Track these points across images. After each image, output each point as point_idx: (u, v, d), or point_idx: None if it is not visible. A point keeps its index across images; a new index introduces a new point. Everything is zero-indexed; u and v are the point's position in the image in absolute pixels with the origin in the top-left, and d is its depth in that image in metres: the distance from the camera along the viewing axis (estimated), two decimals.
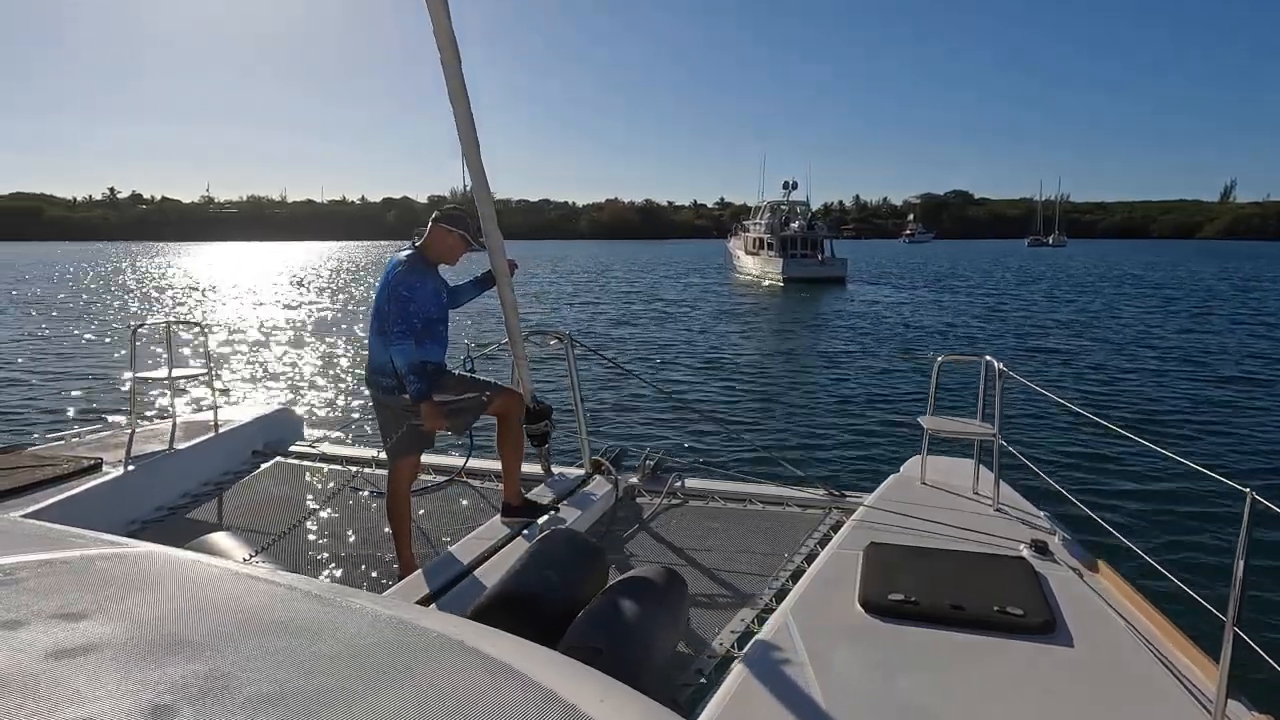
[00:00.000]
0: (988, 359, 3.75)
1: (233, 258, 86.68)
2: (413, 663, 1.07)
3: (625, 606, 2.51)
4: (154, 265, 65.18)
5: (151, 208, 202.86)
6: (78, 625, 1.02)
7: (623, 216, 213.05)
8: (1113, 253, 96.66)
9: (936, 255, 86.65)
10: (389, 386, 3.60)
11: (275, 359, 16.38)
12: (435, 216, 3.69)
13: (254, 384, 13.66)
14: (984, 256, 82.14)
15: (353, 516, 4.48)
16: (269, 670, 0.97)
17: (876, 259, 73.16)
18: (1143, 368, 14.79)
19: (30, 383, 13.39)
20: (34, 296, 32.39)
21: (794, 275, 39.45)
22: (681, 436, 9.43)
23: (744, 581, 3.46)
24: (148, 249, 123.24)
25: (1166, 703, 2.17)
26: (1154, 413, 11.10)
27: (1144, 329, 20.69)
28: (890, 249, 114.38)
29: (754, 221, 48.70)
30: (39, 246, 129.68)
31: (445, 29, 3.21)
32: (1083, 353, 16.57)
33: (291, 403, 11.43)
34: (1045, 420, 9.81)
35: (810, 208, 48.61)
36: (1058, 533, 3.35)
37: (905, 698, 2.17)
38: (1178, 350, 16.90)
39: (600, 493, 4.48)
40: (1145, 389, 12.75)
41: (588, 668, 1.31)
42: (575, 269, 58.00)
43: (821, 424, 10.47)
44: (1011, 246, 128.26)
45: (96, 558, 1.33)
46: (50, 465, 4.38)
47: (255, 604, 1.21)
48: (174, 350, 5.48)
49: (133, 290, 37.75)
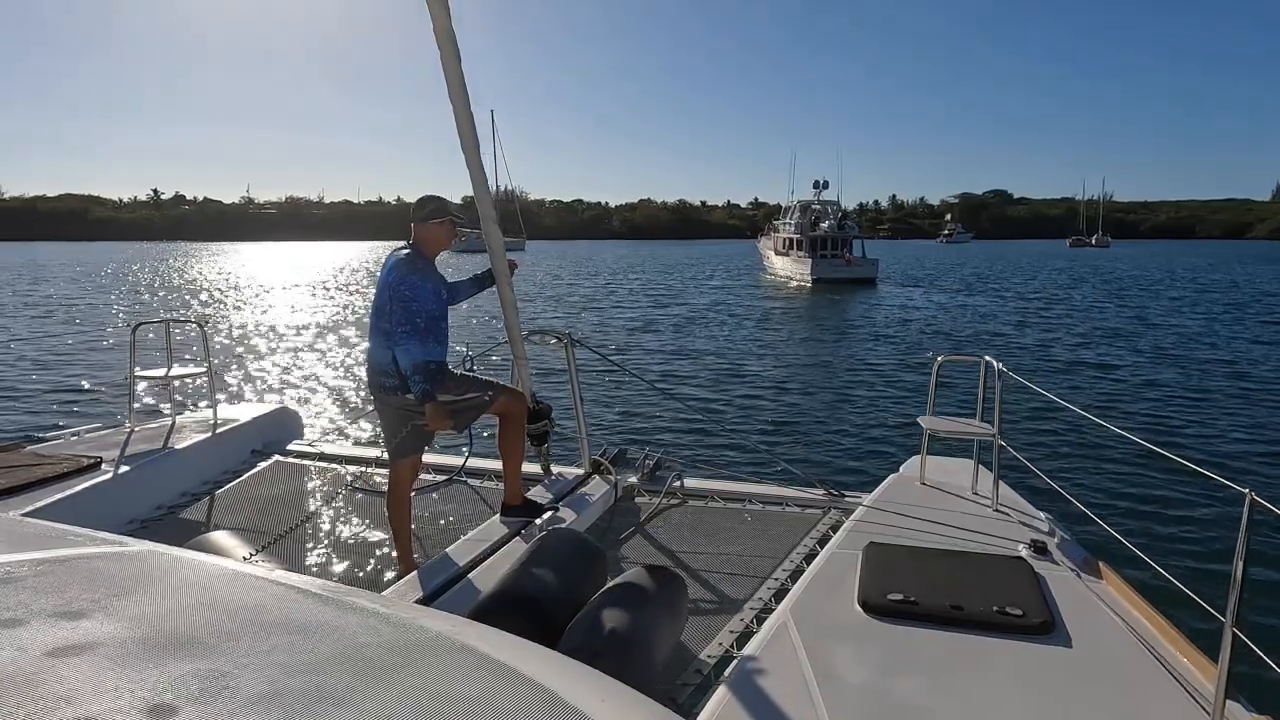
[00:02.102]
0: (987, 359, 3.75)
1: (269, 257, 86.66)
2: (412, 662, 1.07)
3: (625, 606, 2.51)
4: (190, 265, 64.89)
5: (193, 208, 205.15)
6: (77, 624, 1.02)
7: (655, 217, 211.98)
8: (1161, 253, 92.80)
9: (974, 256, 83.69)
10: (391, 386, 3.59)
11: (275, 358, 16.38)
12: (414, 216, 3.68)
13: (254, 383, 13.66)
14: (1024, 258, 79.21)
15: (352, 515, 4.48)
16: (268, 669, 0.97)
17: (911, 260, 70.82)
18: (1177, 371, 14.47)
19: (30, 381, 13.39)
20: (64, 296, 32.32)
21: (822, 276, 38.60)
22: (681, 436, 9.44)
23: (743, 581, 3.46)
24: (187, 249, 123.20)
25: (1165, 703, 2.17)
26: (1155, 412, 11.12)
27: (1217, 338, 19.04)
28: (926, 250, 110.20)
29: (784, 221, 47.77)
30: (80, 247, 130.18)
31: (445, 29, 3.21)
32: (1119, 362, 15.42)
33: (291, 402, 11.44)
34: (1045, 421, 9.81)
35: (841, 207, 47.41)
36: (1057, 533, 3.35)
37: (904, 698, 2.18)
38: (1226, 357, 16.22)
39: (600, 492, 4.48)
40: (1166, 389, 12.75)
41: (588, 667, 1.31)
42: (599, 269, 56.84)
43: (821, 424, 10.48)
44: (1052, 247, 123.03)
45: (96, 556, 1.33)
46: (50, 464, 4.38)
47: (255, 603, 1.21)
48: (173, 349, 5.48)
49: (161, 289, 37.66)
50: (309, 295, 34.41)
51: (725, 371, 14.57)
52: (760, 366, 15.13)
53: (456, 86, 3.35)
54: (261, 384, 13.56)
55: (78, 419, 10.13)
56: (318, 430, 9.57)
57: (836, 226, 42.91)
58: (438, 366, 3.61)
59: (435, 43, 3.25)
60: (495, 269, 3.99)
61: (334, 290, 37.68)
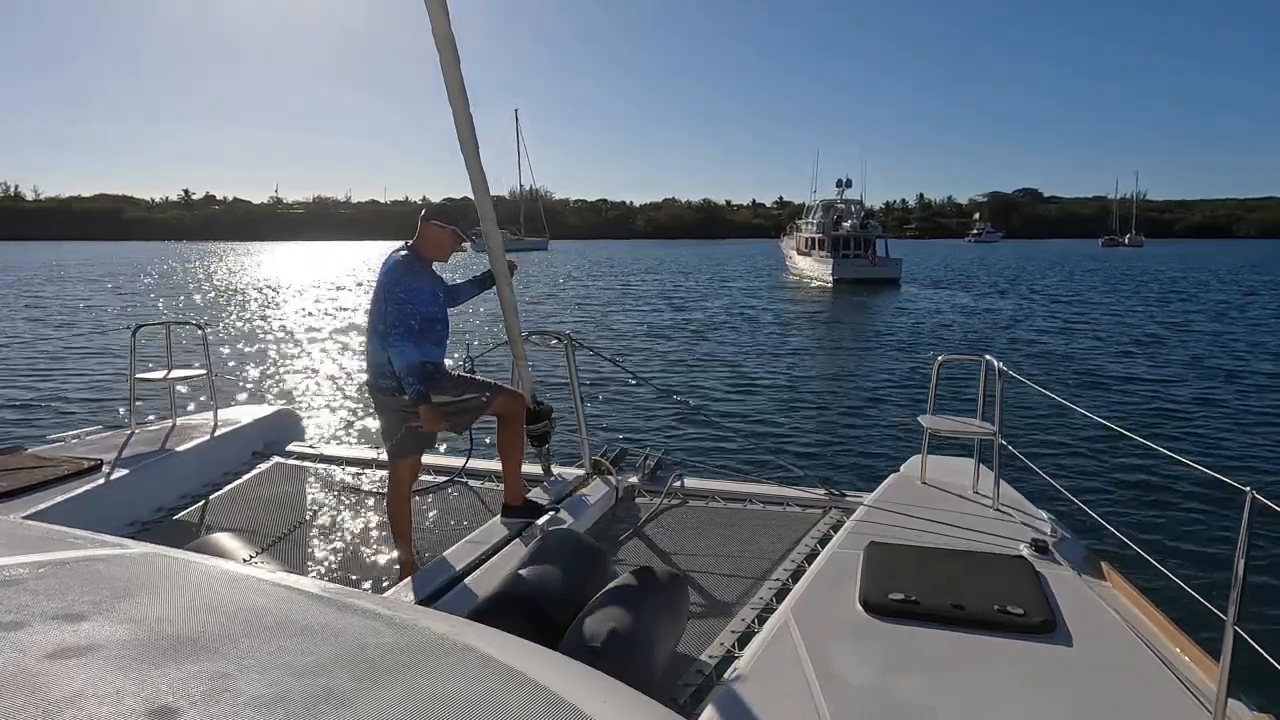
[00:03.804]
0: (987, 358, 3.75)
1: (294, 257, 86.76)
2: (413, 663, 1.07)
3: (625, 607, 2.51)
4: (217, 265, 64.95)
5: (223, 208, 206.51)
6: (78, 626, 1.02)
7: (680, 216, 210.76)
8: (1198, 253, 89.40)
9: (1004, 256, 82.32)
10: (388, 387, 3.59)
11: (275, 359, 16.38)
12: (423, 214, 3.67)
13: (254, 384, 13.66)
14: (1055, 257, 77.94)
15: (353, 517, 4.48)
16: (270, 671, 0.97)
17: (938, 260, 69.72)
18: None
19: (30, 383, 13.39)
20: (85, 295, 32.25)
21: (844, 276, 37.99)
22: (681, 436, 9.43)
23: (744, 581, 3.46)
24: (216, 248, 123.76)
25: (1166, 702, 2.17)
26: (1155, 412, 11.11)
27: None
28: (954, 249, 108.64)
29: (806, 221, 46.84)
30: (108, 246, 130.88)
31: (444, 31, 3.22)
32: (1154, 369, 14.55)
33: (291, 403, 11.44)
34: (1045, 419, 9.81)
35: (864, 206, 46.37)
36: (1058, 532, 3.35)
37: (905, 697, 2.18)
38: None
39: (600, 493, 4.48)
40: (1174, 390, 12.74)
41: (588, 668, 1.31)
42: (616, 269, 55.46)
43: (822, 423, 10.48)
44: (1084, 247, 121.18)
45: (97, 559, 1.33)
46: (50, 466, 4.38)
47: (256, 605, 1.21)
48: (173, 351, 5.48)
49: (165, 290, 37.61)
50: (322, 294, 34.27)
51: (727, 372, 14.57)
52: (762, 366, 15.13)
53: (456, 89, 3.35)
54: (262, 386, 13.56)
55: (78, 421, 10.13)
56: (318, 432, 9.58)
57: (859, 226, 42.17)
58: (433, 368, 3.60)
59: (435, 46, 3.26)
60: (494, 269, 3.99)
61: (351, 289, 37.67)
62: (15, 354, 16.71)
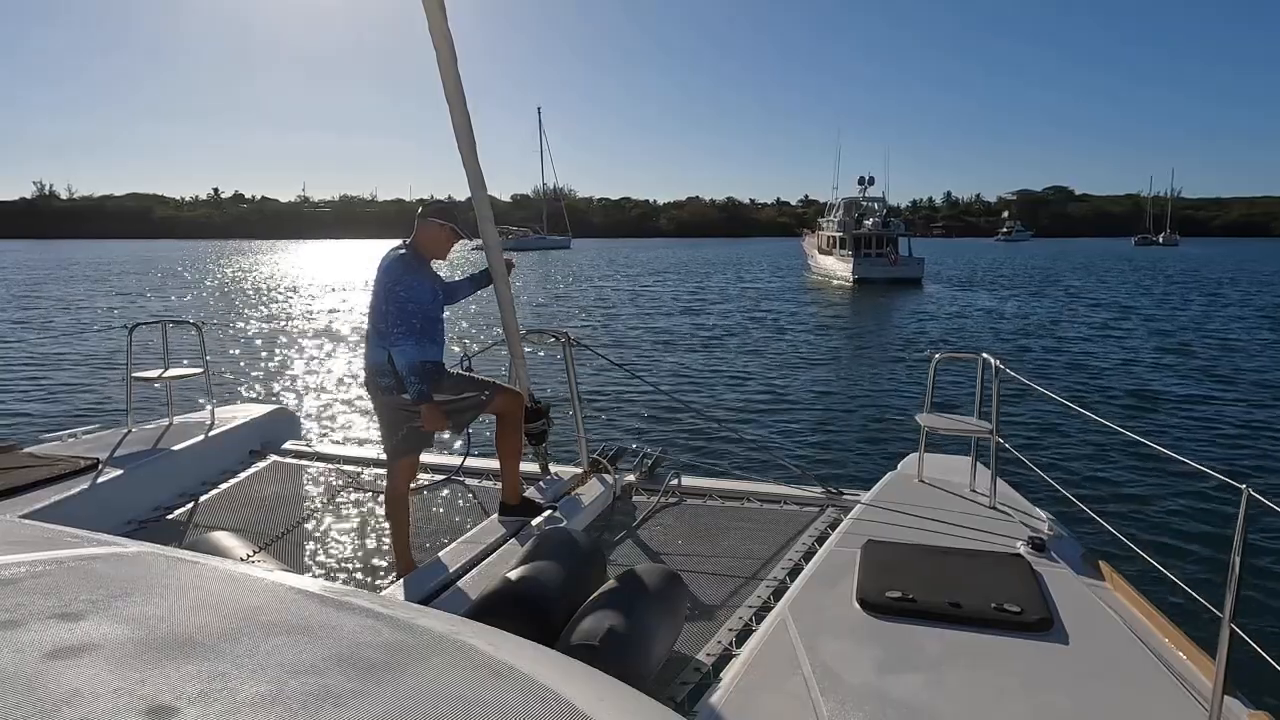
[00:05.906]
0: (984, 356, 3.75)
1: (319, 255, 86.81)
2: (411, 662, 1.07)
3: (623, 605, 2.51)
4: (248, 263, 64.80)
5: (251, 207, 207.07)
6: (75, 625, 1.02)
7: (703, 214, 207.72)
8: (1236, 254, 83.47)
9: (1033, 255, 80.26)
10: (388, 386, 3.59)
11: (273, 359, 16.36)
12: (421, 211, 3.67)
13: (251, 383, 13.64)
14: (1087, 256, 75.92)
15: (350, 516, 4.48)
16: (268, 670, 0.97)
17: (964, 259, 68.39)
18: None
19: (27, 382, 13.36)
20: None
21: (864, 276, 37.08)
22: (679, 435, 9.43)
23: (741, 580, 3.46)
24: (243, 246, 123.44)
25: (1163, 699, 2.18)
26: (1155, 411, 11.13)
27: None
28: (982, 248, 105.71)
29: (828, 219, 45.89)
30: (139, 244, 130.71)
31: (441, 29, 3.22)
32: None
33: (288, 402, 11.42)
34: (1042, 418, 9.82)
35: (887, 204, 45.35)
36: (1055, 530, 3.36)
37: (902, 695, 2.18)
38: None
39: (598, 492, 4.48)
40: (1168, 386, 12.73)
41: (587, 666, 1.31)
42: (636, 268, 54.63)
43: (819, 422, 10.49)
44: (1117, 246, 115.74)
45: (94, 557, 1.33)
46: (47, 465, 4.37)
47: (253, 604, 1.21)
48: (170, 349, 5.47)
49: (216, 287, 37.53)
50: (326, 292, 34.10)
51: (728, 372, 14.57)
52: (765, 367, 15.13)
53: (453, 87, 3.35)
54: (259, 384, 13.54)
55: (75, 420, 10.11)
56: (315, 430, 9.56)
57: (881, 224, 41.41)
58: (434, 367, 3.60)
59: (432, 44, 3.25)
60: (492, 267, 3.98)
61: (361, 288, 37.60)
62: (13, 352, 16.67)
